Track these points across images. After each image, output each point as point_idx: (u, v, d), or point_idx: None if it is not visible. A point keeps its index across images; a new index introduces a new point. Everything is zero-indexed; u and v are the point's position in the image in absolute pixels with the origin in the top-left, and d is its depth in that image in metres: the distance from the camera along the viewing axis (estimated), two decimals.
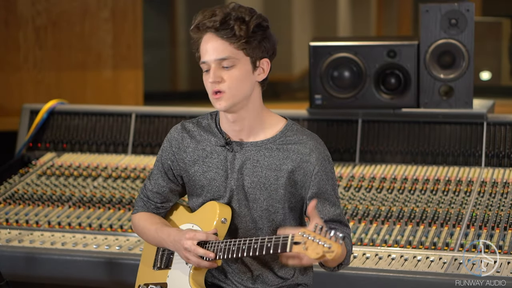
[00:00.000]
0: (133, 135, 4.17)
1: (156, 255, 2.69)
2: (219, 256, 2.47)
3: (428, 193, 3.58)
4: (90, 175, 3.97)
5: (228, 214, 2.54)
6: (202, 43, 2.48)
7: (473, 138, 3.77)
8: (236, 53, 2.45)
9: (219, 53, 2.45)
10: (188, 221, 2.63)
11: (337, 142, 3.91)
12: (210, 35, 2.46)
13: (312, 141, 2.53)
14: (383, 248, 3.25)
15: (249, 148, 2.54)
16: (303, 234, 2.28)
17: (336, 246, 2.21)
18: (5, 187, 3.93)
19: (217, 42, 2.45)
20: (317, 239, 2.24)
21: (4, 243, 3.47)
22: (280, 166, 2.51)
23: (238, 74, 2.46)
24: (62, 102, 4.37)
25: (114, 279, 3.34)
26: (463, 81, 3.75)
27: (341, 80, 3.83)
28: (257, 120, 2.54)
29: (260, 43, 2.48)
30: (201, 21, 2.47)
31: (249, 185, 2.53)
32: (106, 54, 5.13)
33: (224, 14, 2.45)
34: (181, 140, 2.61)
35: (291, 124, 2.57)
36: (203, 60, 2.48)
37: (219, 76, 2.45)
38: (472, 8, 3.71)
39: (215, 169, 2.56)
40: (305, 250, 2.26)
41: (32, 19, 5.01)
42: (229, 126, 2.55)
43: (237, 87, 2.46)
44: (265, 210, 2.53)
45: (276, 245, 2.34)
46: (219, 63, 2.46)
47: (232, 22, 2.44)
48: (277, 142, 2.53)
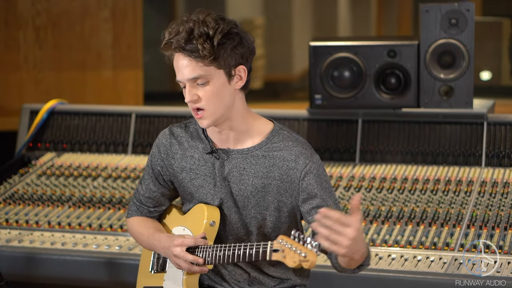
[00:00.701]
0: (133, 135, 4.17)
1: (153, 258, 2.69)
2: (208, 262, 2.47)
3: (428, 193, 3.58)
4: (90, 175, 3.97)
5: (216, 216, 2.52)
6: (174, 61, 2.44)
7: (473, 138, 3.77)
8: (207, 69, 2.40)
9: (189, 72, 2.40)
10: (180, 224, 2.63)
11: (337, 142, 3.91)
12: (179, 54, 2.42)
13: (297, 147, 2.48)
14: (383, 248, 3.25)
15: (236, 156, 2.51)
16: (281, 241, 2.27)
17: (311, 254, 2.19)
18: (5, 187, 3.93)
19: (186, 61, 2.40)
20: (294, 247, 2.23)
21: (4, 243, 3.47)
22: (267, 174, 2.48)
23: (214, 89, 2.42)
24: (62, 102, 4.36)
25: (114, 279, 3.34)
26: (463, 81, 3.75)
27: (341, 80, 3.82)
28: (243, 127, 2.50)
29: (232, 52, 2.41)
30: (168, 40, 2.42)
31: (237, 193, 2.51)
32: (106, 54, 5.13)
33: (187, 32, 2.38)
34: (169, 146, 2.59)
35: (278, 129, 2.53)
36: (177, 79, 2.45)
37: (195, 94, 2.42)
38: (472, 8, 3.71)
39: (203, 176, 2.54)
40: (283, 258, 2.25)
41: (32, 19, 5.01)
42: (215, 134, 2.53)
43: (215, 103, 2.42)
44: (253, 218, 2.52)
45: (257, 252, 2.35)
46: (193, 82, 2.41)
47: (195, 41, 2.37)
48: (263, 149, 2.50)
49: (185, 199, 2.62)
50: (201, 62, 2.39)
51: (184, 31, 2.39)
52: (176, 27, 2.42)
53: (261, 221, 2.52)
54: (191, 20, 2.40)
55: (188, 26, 2.39)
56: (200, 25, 2.39)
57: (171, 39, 2.41)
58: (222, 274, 2.59)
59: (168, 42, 2.42)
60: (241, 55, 2.43)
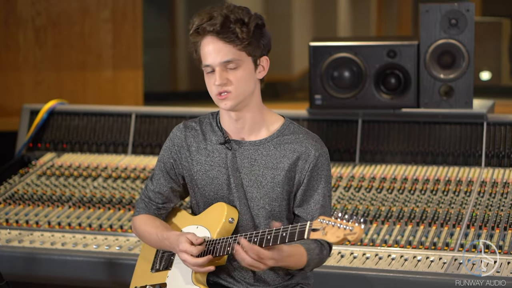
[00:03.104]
0: (133, 135, 4.17)
1: (155, 257, 2.70)
2: (227, 252, 2.48)
3: (428, 193, 3.58)
4: (90, 175, 3.97)
5: (235, 214, 2.57)
6: (202, 46, 2.50)
7: (473, 138, 3.77)
8: (239, 54, 2.48)
9: (223, 56, 2.47)
10: (192, 223, 2.64)
11: (337, 142, 3.91)
12: (211, 38, 2.48)
13: (308, 140, 2.56)
14: (383, 248, 3.25)
15: (247, 147, 2.57)
16: (322, 220, 2.29)
17: (358, 228, 2.22)
18: (5, 188, 3.93)
19: (220, 45, 2.47)
20: (337, 224, 2.26)
21: (4, 244, 3.47)
22: (277, 164, 2.54)
23: (243, 74, 2.50)
24: (62, 102, 4.36)
25: (114, 279, 3.34)
26: (463, 81, 3.75)
27: (341, 80, 3.83)
28: (259, 117, 2.58)
29: (259, 42, 2.51)
30: (200, 25, 2.48)
31: (247, 184, 2.56)
32: (106, 54, 5.13)
33: (223, 17, 2.46)
34: (184, 138, 2.63)
35: (288, 123, 2.61)
36: (206, 63, 2.50)
37: (225, 78, 2.48)
38: (472, 8, 3.71)
39: (217, 167, 2.58)
40: (324, 235, 2.27)
41: (32, 19, 5.01)
42: (231, 124, 2.59)
43: (242, 87, 2.50)
44: (262, 209, 2.55)
45: (293, 234, 2.35)
46: (224, 66, 2.48)
47: (232, 25, 2.46)
48: (274, 141, 2.56)
49: (196, 192, 2.64)
50: (234, 47, 2.47)
51: (219, 15, 2.46)
52: (207, 14, 2.49)
53: (268, 212, 2.55)
54: (222, 8, 2.49)
55: (223, 13, 2.47)
56: (235, 13, 2.48)
57: (203, 23, 2.47)
58: (228, 270, 2.60)
59: (200, 27, 2.48)
60: (266, 47, 2.54)
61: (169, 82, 7.82)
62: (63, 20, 5.05)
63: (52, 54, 5.05)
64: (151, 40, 6.69)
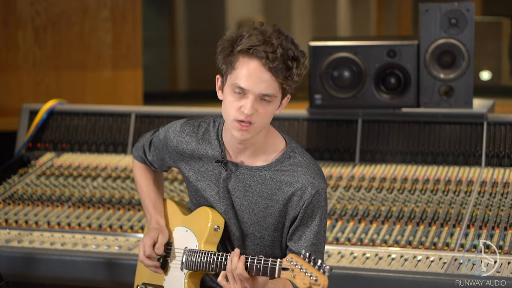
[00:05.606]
0: (133, 135, 4.17)
1: None
2: (212, 268, 2.46)
3: (428, 193, 3.57)
4: (89, 175, 3.97)
5: (221, 221, 2.52)
6: (244, 65, 2.34)
7: (473, 138, 3.77)
8: (278, 91, 2.36)
9: (265, 88, 2.33)
10: (182, 224, 2.63)
11: (337, 142, 3.91)
12: (261, 65, 2.32)
13: (306, 176, 2.45)
14: (383, 248, 3.24)
15: (244, 171, 2.49)
16: (292, 261, 2.24)
17: (323, 278, 2.16)
18: (4, 187, 3.92)
19: (267, 76, 2.32)
20: (304, 269, 2.20)
21: (4, 244, 3.47)
22: (271, 196, 2.47)
23: (272, 109, 2.39)
24: (61, 102, 4.36)
25: (114, 279, 3.34)
26: (463, 81, 3.75)
27: (341, 80, 3.82)
28: (262, 143, 2.48)
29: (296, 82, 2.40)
30: (255, 47, 2.32)
31: (239, 207, 2.50)
32: (105, 54, 5.13)
33: (284, 50, 2.32)
34: (177, 143, 2.58)
35: (290, 151, 2.49)
36: (241, 85, 2.34)
37: (256, 109, 2.35)
38: (472, 8, 3.71)
39: (208, 181, 2.54)
40: (293, 278, 2.22)
41: (31, 19, 5.01)
42: (233, 143, 2.48)
43: (266, 122, 2.40)
44: (251, 234, 2.52)
45: (265, 268, 2.31)
46: (261, 97, 2.35)
47: (290, 62, 2.32)
48: (272, 171, 2.47)
49: (191, 191, 2.63)
50: (278, 83, 2.34)
51: (280, 48, 2.31)
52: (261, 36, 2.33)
53: (259, 238, 2.52)
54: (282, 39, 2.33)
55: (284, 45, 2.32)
56: (293, 49, 2.34)
57: (258, 46, 2.32)
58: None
59: (255, 49, 2.32)
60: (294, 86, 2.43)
61: (169, 82, 7.81)
62: (62, 20, 5.05)
63: (51, 54, 5.05)
64: (151, 40, 6.69)
